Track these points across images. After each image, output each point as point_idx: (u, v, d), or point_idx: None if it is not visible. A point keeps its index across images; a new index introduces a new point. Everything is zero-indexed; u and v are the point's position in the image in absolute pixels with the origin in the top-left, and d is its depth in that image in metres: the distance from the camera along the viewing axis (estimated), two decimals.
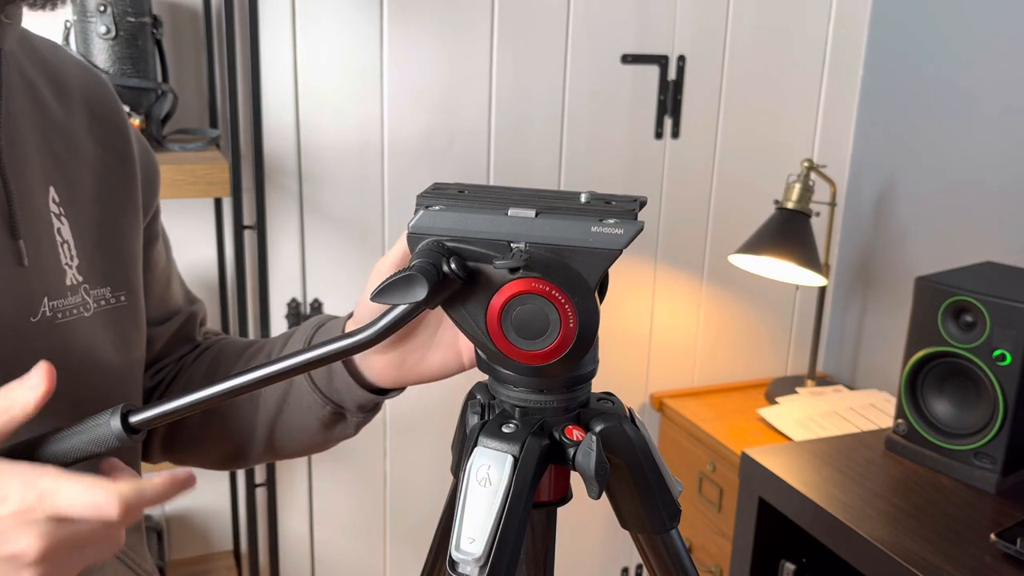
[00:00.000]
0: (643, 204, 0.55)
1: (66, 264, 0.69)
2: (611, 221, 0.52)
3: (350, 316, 0.72)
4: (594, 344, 0.57)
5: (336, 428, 0.76)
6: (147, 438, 0.84)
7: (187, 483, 0.54)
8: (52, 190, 0.69)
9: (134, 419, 0.56)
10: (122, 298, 0.74)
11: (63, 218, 0.70)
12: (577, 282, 0.53)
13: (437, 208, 0.55)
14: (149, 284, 0.81)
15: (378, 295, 0.52)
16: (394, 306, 0.54)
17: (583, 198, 0.55)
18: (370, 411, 0.75)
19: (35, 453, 0.56)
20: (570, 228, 0.52)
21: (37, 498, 0.51)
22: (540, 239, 0.53)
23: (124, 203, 0.76)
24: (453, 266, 0.53)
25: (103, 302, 0.72)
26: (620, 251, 0.52)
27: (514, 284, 0.53)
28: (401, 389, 0.73)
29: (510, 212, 0.54)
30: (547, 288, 0.52)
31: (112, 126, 0.77)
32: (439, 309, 0.56)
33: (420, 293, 0.51)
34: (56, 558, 0.52)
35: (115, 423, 0.55)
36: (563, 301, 0.53)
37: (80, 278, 0.70)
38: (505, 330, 0.54)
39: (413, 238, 0.56)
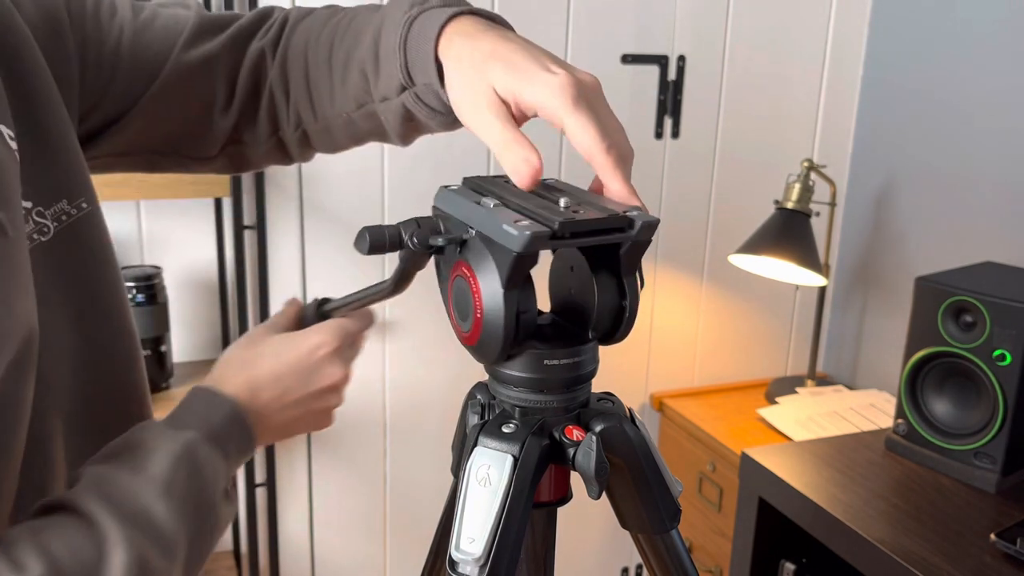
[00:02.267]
0: (562, 223, 0.52)
1: None
2: (524, 223, 0.51)
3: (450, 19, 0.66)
4: (593, 344, 0.58)
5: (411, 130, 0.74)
6: (282, 146, 0.82)
7: None
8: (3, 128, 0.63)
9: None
10: (83, 204, 0.70)
11: (16, 153, 0.64)
12: (488, 273, 0.53)
13: (453, 188, 0.60)
14: (117, 62, 0.74)
15: (356, 241, 0.58)
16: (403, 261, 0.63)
17: (562, 202, 0.55)
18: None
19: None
20: (492, 221, 0.53)
21: (343, 333, 0.73)
22: (480, 228, 0.55)
23: (41, 108, 0.68)
24: (415, 238, 0.57)
25: (64, 217, 0.68)
26: (515, 253, 0.51)
27: (458, 264, 0.56)
28: None
29: (481, 202, 0.55)
30: (468, 272, 0.55)
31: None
32: None
33: (363, 248, 0.57)
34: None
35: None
36: (475, 289, 0.54)
37: (28, 204, 0.65)
38: (452, 304, 0.58)
39: (433, 209, 0.61)
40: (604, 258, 0.57)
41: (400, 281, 0.67)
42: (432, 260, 0.61)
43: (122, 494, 0.58)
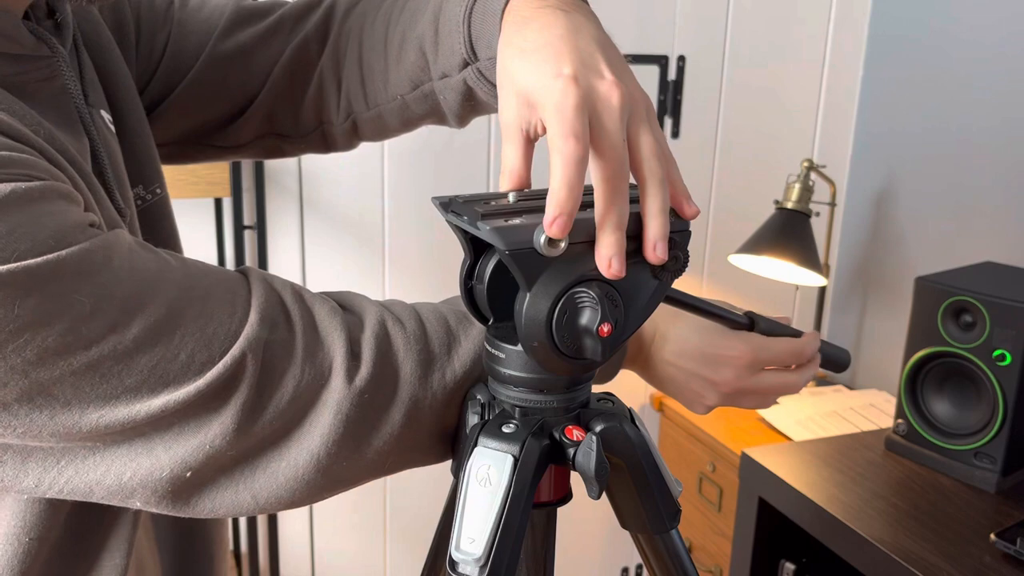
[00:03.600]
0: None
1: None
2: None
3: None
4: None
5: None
6: (351, 129, 0.81)
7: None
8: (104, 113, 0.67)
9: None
10: (157, 190, 0.72)
11: (115, 137, 0.68)
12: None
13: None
14: (184, 39, 0.76)
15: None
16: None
17: (511, 197, 0.55)
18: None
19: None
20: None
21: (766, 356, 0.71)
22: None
23: (117, 89, 0.71)
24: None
25: (139, 202, 0.71)
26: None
27: None
28: None
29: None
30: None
31: (94, 25, 0.72)
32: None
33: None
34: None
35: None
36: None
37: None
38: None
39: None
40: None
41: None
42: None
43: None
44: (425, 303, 0.65)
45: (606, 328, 0.51)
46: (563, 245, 0.50)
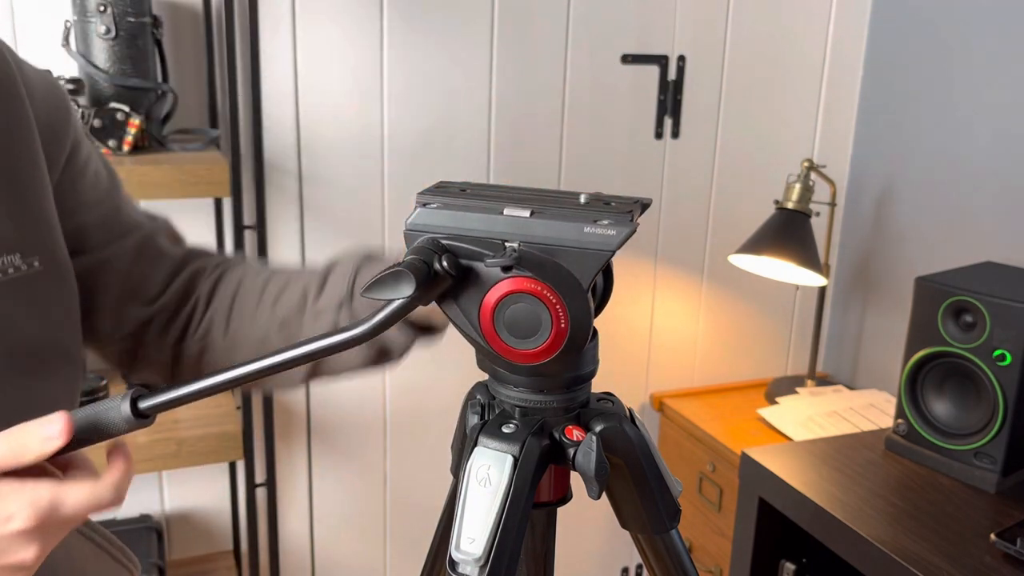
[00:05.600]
0: (645, 206, 0.55)
1: None
2: (605, 222, 0.52)
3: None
4: (594, 344, 0.57)
5: (380, 360, 0.76)
6: (176, 359, 0.83)
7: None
8: None
9: (144, 404, 0.55)
10: (35, 263, 0.70)
11: None
12: (569, 282, 0.52)
13: (434, 206, 0.56)
14: (88, 210, 0.78)
15: (368, 290, 0.52)
16: (389, 302, 0.54)
17: (582, 199, 0.55)
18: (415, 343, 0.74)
19: None
20: (563, 228, 0.52)
21: (47, 513, 0.53)
22: (533, 239, 0.53)
23: (23, 164, 0.71)
24: (444, 263, 0.53)
25: (11, 270, 0.68)
26: (612, 252, 0.52)
27: (506, 283, 0.53)
28: (443, 324, 0.72)
29: (505, 211, 0.54)
30: (538, 287, 0.52)
31: None
32: None
33: (407, 289, 0.51)
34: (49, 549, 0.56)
35: (125, 408, 0.55)
36: (554, 301, 0.52)
37: None
38: (498, 328, 0.54)
39: (410, 235, 0.56)
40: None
41: (382, 328, 0.54)
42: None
43: None
44: None
45: None
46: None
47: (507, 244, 0.53)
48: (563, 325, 0.53)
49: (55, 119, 0.76)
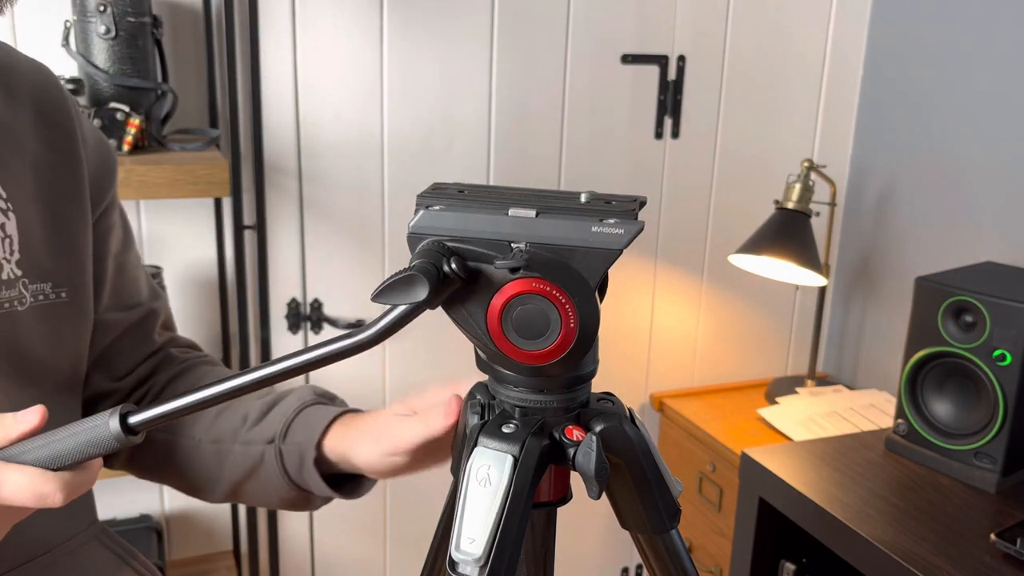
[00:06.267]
0: (643, 204, 0.55)
1: (3, 258, 0.71)
2: (611, 221, 0.52)
3: (345, 412, 0.83)
4: (594, 344, 0.57)
5: (299, 505, 0.82)
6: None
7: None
8: None
9: (133, 420, 0.56)
10: (63, 294, 0.75)
11: (10, 213, 0.71)
12: (577, 282, 0.53)
13: (437, 208, 0.55)
14: (102, 273, 0.82)
15: (378, 295, 0.52)
16: (395, 306, 0.53)
17: (583, 198, 0.55)
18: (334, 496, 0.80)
19: (28, 456, 0.56)
20: (571, 228, 0.52)
21: None
22: (541, 239, 0.53)
23: (70, 202, 0.77)
24: (454, 266, 0.52)
25: (41, 297, 0.74)
26: (620, 251, 0.52)
27: (514, 284, 0.53)
28: (371, 483, 0.81)
29: (510, 212, 0.54)
30: (547, 288, 0.52)
31: (58, 126, 0.77)
32: None
33: (421, 293, 0.50)
34: None
35: (114, 424, 0.55)
36: (563, 301, 0.52)
37: (19, 272, 0.72)
38: (505, 330, 0.54)
39: (413, 238, 0.55)
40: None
41: (389, 332, 0.53)
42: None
43: None
44: None
45: None
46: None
47: (514, 245, 0.53)
48: (572, 325, 0.53)
49: (102, 173, 0.81)
